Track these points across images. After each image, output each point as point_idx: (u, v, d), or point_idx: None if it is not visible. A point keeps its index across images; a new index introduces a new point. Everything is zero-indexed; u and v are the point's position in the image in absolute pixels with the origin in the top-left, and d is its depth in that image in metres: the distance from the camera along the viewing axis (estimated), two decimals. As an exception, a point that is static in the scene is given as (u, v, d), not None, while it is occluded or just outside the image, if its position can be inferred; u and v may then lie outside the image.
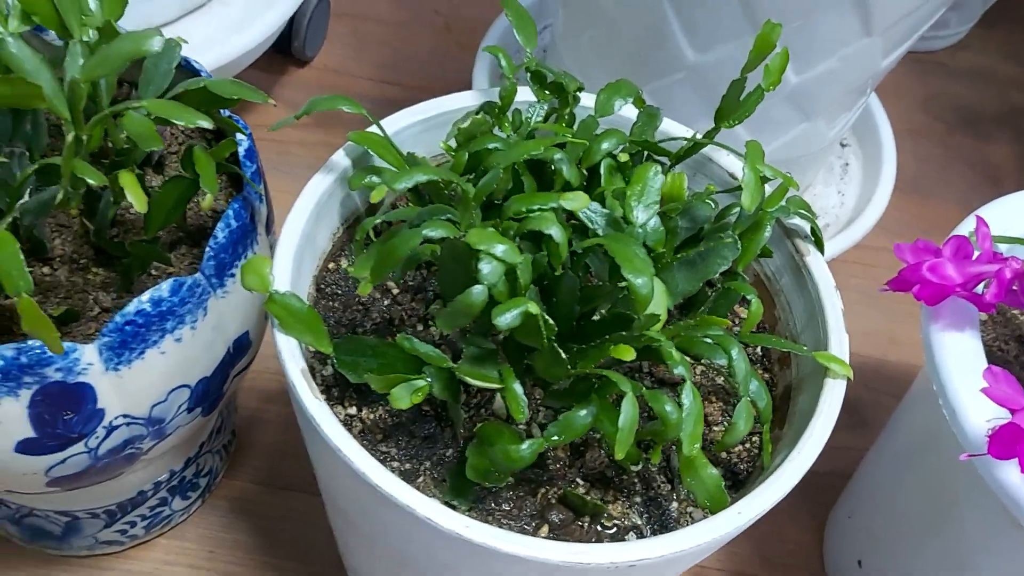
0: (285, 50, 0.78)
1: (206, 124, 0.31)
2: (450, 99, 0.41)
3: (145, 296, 0.36)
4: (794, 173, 0.65)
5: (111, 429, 0.38)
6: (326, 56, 0.81)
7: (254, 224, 0.41)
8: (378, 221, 0.33)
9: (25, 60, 0.30)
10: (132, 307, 0.35)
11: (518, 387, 0.31)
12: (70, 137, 0.30)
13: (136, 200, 0.32)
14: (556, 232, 0.31)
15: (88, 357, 0.35)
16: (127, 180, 0.32)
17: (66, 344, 0.35)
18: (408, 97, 0.84)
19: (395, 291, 0.40)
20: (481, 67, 0.68)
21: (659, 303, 0.30)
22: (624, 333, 0.30)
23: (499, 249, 0.29)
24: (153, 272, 0.42)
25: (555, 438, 0.32)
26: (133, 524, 0.52)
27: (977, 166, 0.85)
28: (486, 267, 0.29)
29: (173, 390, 0.39)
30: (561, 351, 0.30)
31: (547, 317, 0.29)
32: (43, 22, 0.31)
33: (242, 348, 0.43)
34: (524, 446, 0.31)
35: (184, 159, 0.38)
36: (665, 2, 0.50)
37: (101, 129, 0.32)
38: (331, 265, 0.41)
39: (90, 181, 0.30)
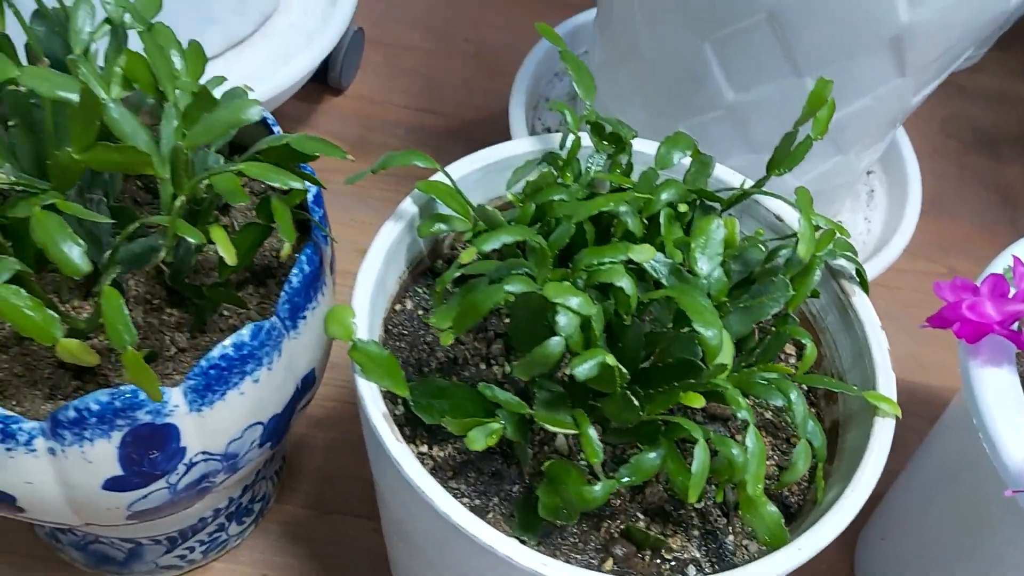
0: (321, 79, 0.80)
1: (298, 186, 0.33)
2: (508, 146, 0.43)
3: (228, 341, 0.38)
4: (824, 202, 0.67)
5: (191, 465, 0.40)
6: (360, 84, 0.83)
7: (323, 267, 0.42)
8: (454, 272, 0.35)
9: (126, 124, 0.32)
10: (216, 352, 0.37)
11: (593, 432, 0.33)
12: (178, 202, 0.32)
13: (228, 255, 0.34)
14: (627, 284, 0.32)
15: (175, 399, 0.37)
16: (219, 236, 0.34)
17: (156, 388, 0.36)
18: (442, 124, 0.86)
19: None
20: (517, 100, 0.70)
21: (727, 353, 0.32)
22: (693, 381, 0.32)
23: (574, 302, 0.31)
24: (224, 312, 0.43)
25: (625, 479, 0.33)
26: (192, 549, 0.54)
27: (990, 185, 0.87)
28: (563, 319, 0.31)
29: (248, 427, 0.41)
30: (633, 398, 0.32)
31: (621, 367, 0.31)
32: (142, 87, 0.33)
33: (309, 384, 0.44)
34: (597, 488, 0.33)
35: (260, 207, 0.40)
36: (706, 45, 0.52)
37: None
38: (397, 306, 0.42)
39: (190, 240, 0.32)
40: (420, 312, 0.43)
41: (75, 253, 0.30)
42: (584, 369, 0.31)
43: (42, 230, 0.30)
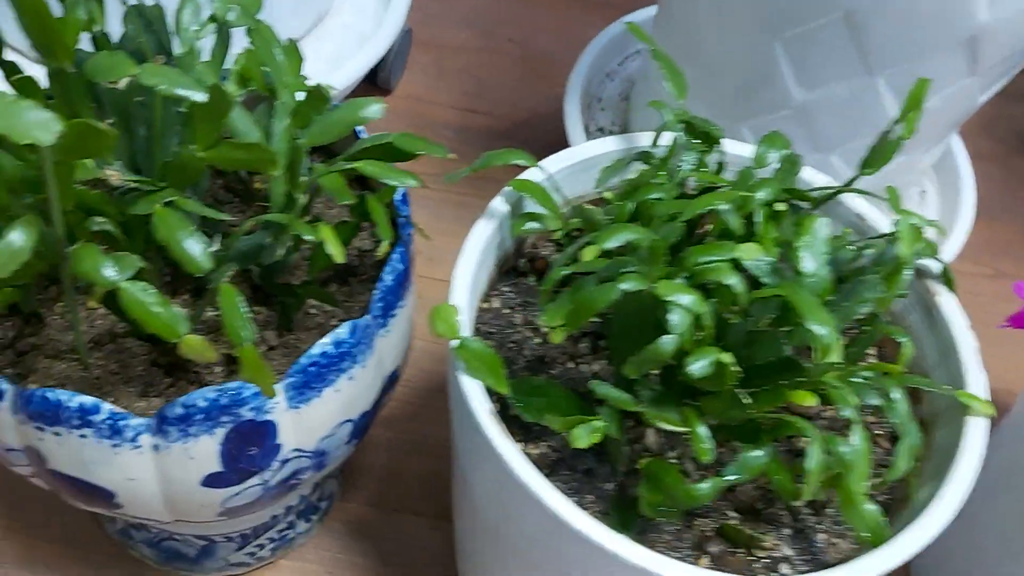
0: (370, 79, 0.81)
1: (415, 184, 0.33)
2: (595, 145, 0.43)
3: (327, 339, 0.38)
4: (880, 202, 0.67)
5: (284, 462, 0.40)
6: (408, 84, 0.84)
7: (412, 265, 0.43)
8: (564, 270, 0.35)
9: (241, 122, 0.32)
10: (317, 349, 0.38)
11: (703, 430, 0.33)
12: (300, 201, 0.32)
13: (337, 253, 0.34)
14: (736, 282, 0.33)
15: (276, 396, 0.37)
16: (328, 234, 0.34)
17: (255, 386, 0.37)
18: (490, 125, 0.86)
19: (545, 329, 0.42)
20: (572, 101, 0.70)
21: (836, 351, 0.32)
22: (803, 379, 0.32)
23: (686, 300, 0.32)
24: (310, 311, 0.44)
25: (732, 477, 0.34)
26: (262, 547, 0.54)
27: (1034, 187, 0.87)
28: (675, 317, 0.31)
29: (340, 424, 0.41)
30: (742, 396, 0.32)
31: (734, 365, 0.31)
32: (257, 86, 0.33)
33: (393, 381, 0.45)
34: (705, 485, 0.33)
35: (354, 206, 0.40)
36: (776, 44, 0.52)
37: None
38: (484, 305, 0.43)
39: (307, 237, 0.32)
40: (506, 311, 0.43)
41: (198, 250, 0.31)
42: (698, 367, 0.31)
43: (165, 227, 0.31)
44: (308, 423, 0.39)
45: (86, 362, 0.40)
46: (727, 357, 0.31)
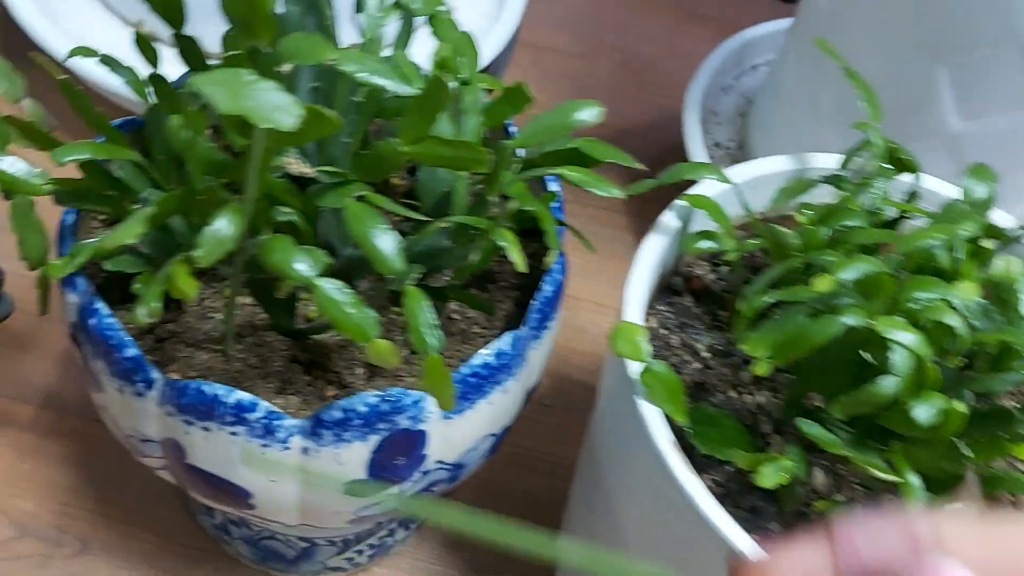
0: (473, 77, 0.79)
1: (619, 195, 0.31)
2: (765, 163, 0.41)
3: (488, 349, 0.36)
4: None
5: (425, 474, 0.38)
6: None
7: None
8: (771, 298, 0.33)
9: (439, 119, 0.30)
10: (478, 360, 0.36)
11: (915, 479, 0.31)
12: (510, 207, 0.30)
13: (519, 261, 0.32)
14: (957, 323, 0.30)
15: (431, 406, 0.35)
16: (511, 239, 0.32)
17: (415, 393, 0.35)
18: (594, 132, 0.84)
19: (704, 354, 0.40)
20: (692, 113, 0.68)
21: (1067, 406, 0.29)
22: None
23: (908, 339, 0.29)
24: (452, 316, 0.42)
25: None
26: (361, 552, 0.52)
27: None
28: (898, 358, 0.29)
29: (484, 438, 0.39)
30: (962, 448, 0.30)
31: (964, 413, 0.29)
32: (456, 79, 0.31)
33: (530, 395, 0.43)
34: (908, 539, 0.31)
35: (515, 213, 0.38)
36: (941, 69, 0.50)
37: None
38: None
39: (500, 243, 0.30)
40: (663, 331, 0.41)
41: (391, 249, 0.29)
42: (925, 413, 0.28)
43: (358, 223, 0.29)
44: (456, 435, 0.37)
45: (229, 354, 0.38)
46: (961, 405, 0.28)
